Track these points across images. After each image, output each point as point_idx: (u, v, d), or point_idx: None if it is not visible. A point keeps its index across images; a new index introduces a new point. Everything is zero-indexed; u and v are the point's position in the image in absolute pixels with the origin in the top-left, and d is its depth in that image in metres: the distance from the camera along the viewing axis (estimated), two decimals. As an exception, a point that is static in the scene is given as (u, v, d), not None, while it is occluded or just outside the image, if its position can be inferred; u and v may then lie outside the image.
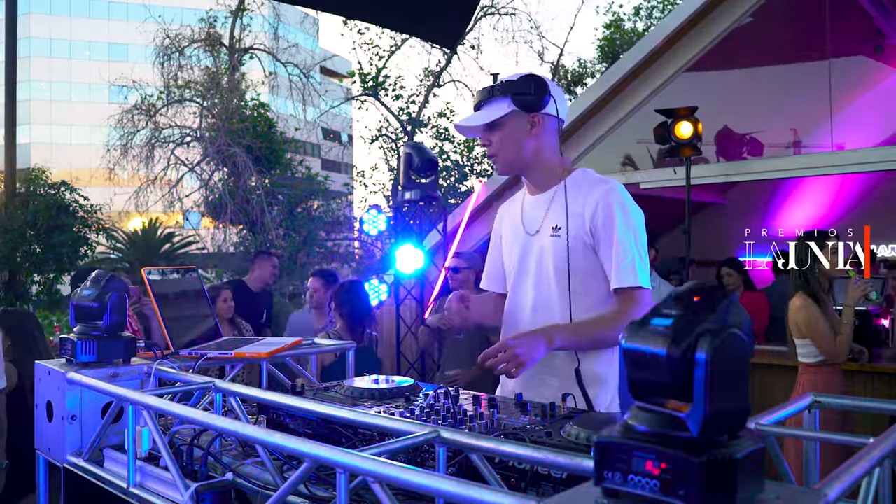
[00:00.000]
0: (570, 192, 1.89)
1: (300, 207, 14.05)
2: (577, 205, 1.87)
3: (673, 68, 5.74)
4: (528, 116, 1.90)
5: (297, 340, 2.21)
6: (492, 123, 1.91)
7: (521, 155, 1.93)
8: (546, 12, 36.91)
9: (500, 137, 1.92)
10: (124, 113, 14.91)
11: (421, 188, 5.72)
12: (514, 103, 1.88)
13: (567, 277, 1.86)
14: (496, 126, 1.91)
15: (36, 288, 10.92)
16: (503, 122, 1.91)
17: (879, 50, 7.35)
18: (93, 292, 1.75)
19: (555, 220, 1.91)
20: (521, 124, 1.91)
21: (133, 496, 1.46)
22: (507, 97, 1.89)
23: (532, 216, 1.98)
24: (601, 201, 1.84)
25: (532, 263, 1.96)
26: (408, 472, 0.91)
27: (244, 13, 16.05)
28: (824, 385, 3.41)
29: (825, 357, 3.44)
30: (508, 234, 2.06)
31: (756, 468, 0.65)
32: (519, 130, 1.91)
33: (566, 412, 1.47)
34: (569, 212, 1.87)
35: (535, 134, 1.92)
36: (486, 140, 1.95)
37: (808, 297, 3.47)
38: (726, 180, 6.75)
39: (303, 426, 1.53)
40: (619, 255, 1.82)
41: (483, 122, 1.91)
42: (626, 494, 0.65)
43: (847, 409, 1.47)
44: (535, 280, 1.94)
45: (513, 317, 2.00)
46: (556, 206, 1.92)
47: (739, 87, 7.25)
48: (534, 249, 1.95)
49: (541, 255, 1.94)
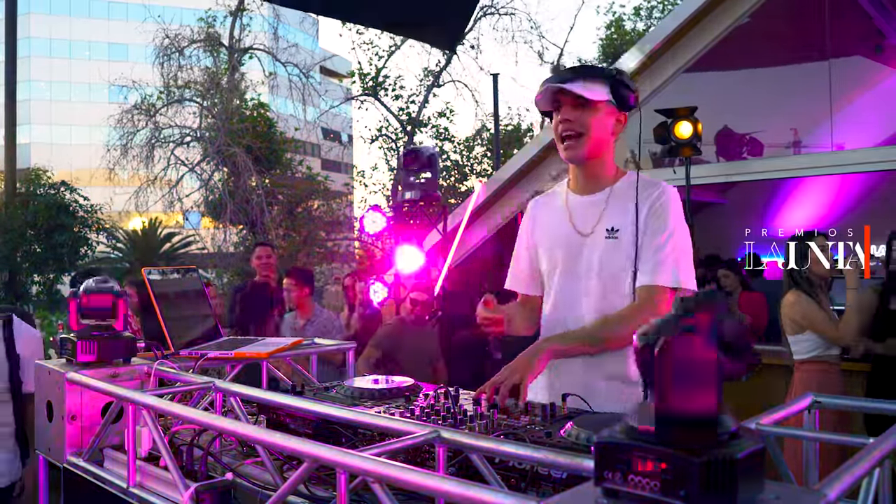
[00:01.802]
0: (628, 194, 1.84)
1: (300, 207, 14.05)
2: (633, 206, 1.81)
3: (673, 68, 5.74)
4: (617, 113, 1.86)
5: (297, 340, 2.21)
6: (588, 102, 1.80)
7: (601, 146, 1.86)
8: (546, 12, 36.92)
9: (594, 120, 1.81)
10: (124, 113, 14.91)
11: (421, 188, 5.72)
12: (612, 93, 1.82)
13: (626, 279, 1.80)
14: (591, 106, 1.81)
15: (36, 288, 10.92)
16: (598, 107, 1.82)
17: (879, 50, 7.35)
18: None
19: (611, 221, 1.84)
20: (611, 117, 1.85)
21: (133, 496, 1.46)
22: (606, 84, 1.81)
23: (583, 216, 1.89)
24: (654, 203, 1.80)
25: (583, 265, 1.87)
26: (408, 472, 0.91)
27: (244, 13, 16.04)
28: (819, 381, 3.41)
29: (829, 347, 3.45)
30: (549, 233, 1.96)
31: (756, 468, 0.65)
32: (609, 121, 1.85)
33: (566, 412, 1.47)
34: (627, 214, 1.82)
35: (616, 132, 1.88)
36: (571, 115, 1.82)
37: (801, 293, 3.49)
38: (726, 180, 6.76)
39: (303, 426, 1.53)
40: (657, 252, 1.77)
41: (587, 95, 1.78)
42: (626, 494, 0.65)
43: (847, 410, 1.47)
44: (590, 281, 1.85)
45: (562, 318, 1.90)
46: (612, 208, 1.85)
47: (739, 87, 7.25)
48: (582, 251, 1.87)
49: (594, 257, 1.85)
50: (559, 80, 1.82)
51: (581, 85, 1.79)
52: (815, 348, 3.49)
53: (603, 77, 1.82)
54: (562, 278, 1.91)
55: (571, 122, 1.82)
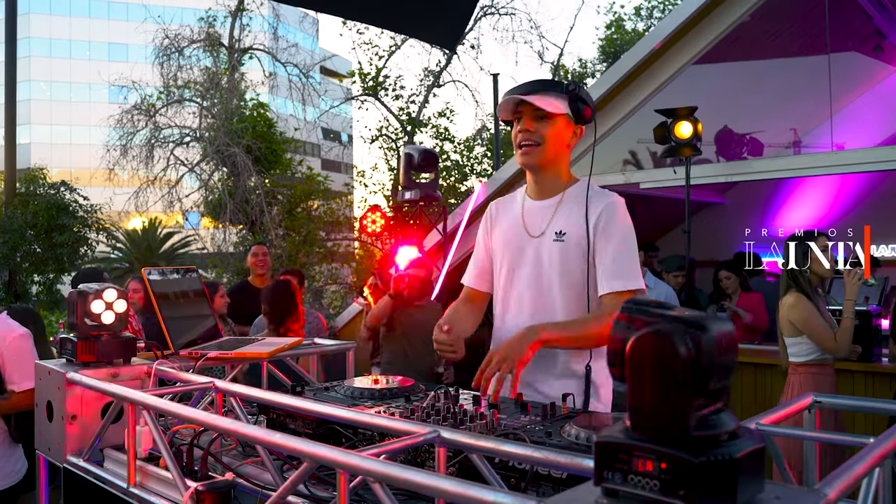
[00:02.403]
0: (577, 200, 1.94)
1: (300, 207, 14.04)
2: (582, 212, 1.91)
3: (673, 68, 5.74)
4: (574, 126, 1.96)
5: (296, 340, 2.22)
6: (547, 114, 1.90)
7: (556, 156, 1.96)
8: (546, 12, 37.07)
9: (551, 131, 1.92)
10: (124, 113, 14.90)
11: (421, 188, 5.72)
12: (570, 107, 1.91)
13: (570, 281, 1.91)
14: (549, 118, 1.91)
15: (36, 288, 10.92)
16: (556, 119, 1.92)
17: (879, 50, 7.36)
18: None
19: (560, 225, 1.94)
20: (568, 129, 1.95)
21: (133, 496, 1.46)
22: (565, 98, 1.91)
23: (535, 219, 1.99)
24: (604, 212, 1.90)
25: (530, 266, 1.97)
26: (408, 472, 0.91)
27: (244, 13, 16.04)
28: (815, 384, 3.40)
29: (826, 352, 3.44)
30: (503, 234, 2.06)
31: (756, 468, 0.65)
32: (565, 133, 1.95)
33: (567, 412, 1.47)
34: (575, 218, 1.91)
35: (571, 144, 1.99)
36: (530, 126, 1.92)
37: (801, 295, 3.47)
38: (726, 180, 6.75)
39: (303, 426, 1.53)
40: (616, 260, 1.87)
41: (546, 108, 1.88)
42: (626, 494, 0.65)
43: (847, 410, 1.47)
44: (534, 282, 1.96)
45: (509, 318, 2.00)
46: (562, 212, 1.95)
47: (739, 87, 7.25)
48: (532, 252, 1.97)
49: (541, 258, 1.95)
50: (521, 92, 1.92)
51: (541, 98, 1.89)
52: (814, 352, 3.48)
53: (562, 92, 1.92)
54: (510, 276, 2.01)
55: (530, 133, 1.93)
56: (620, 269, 1.85)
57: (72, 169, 22.90)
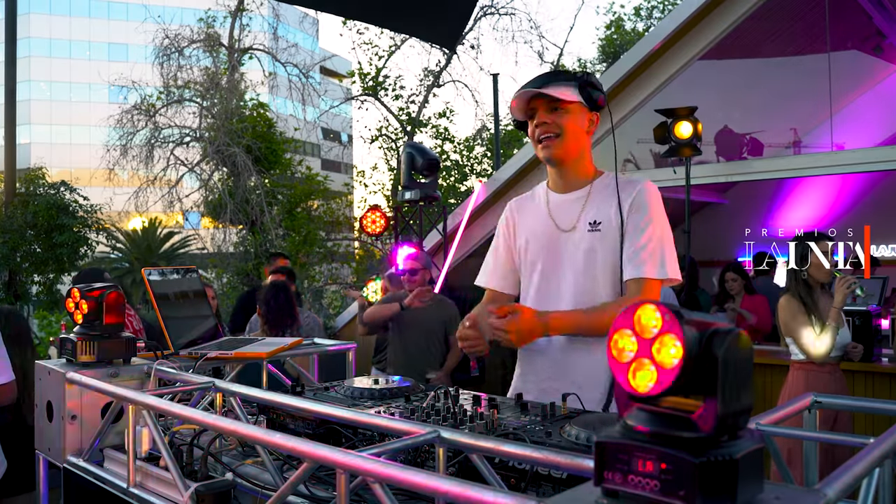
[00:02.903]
0: (608, 190, 1.91)
1: (300, 207, 14.04)
2: (614, 200, 1.88)
3: (673, 68, 5.74)
4: (589, 113, 1.93)
5: (296, 340, 2.22)
6: (561, 103, 1.88)
7: (578, 145, 1.93)
8: (546, 12, 37.05)
9: (569, 120, 1.89)
10: (124, 113, 14.89)
11: (421, 188, 5.73)
12: (581, 95, 1.89)
13: (613, 269, 1.86)
14: (563, 109, 1.89)
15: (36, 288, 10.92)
16: (571, 109, 1.90)
17: (879, 50, 7.36)
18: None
19: (592, 215, 1.90)
20: (583, 117, 1.93)
21: (133, 496, 1.46)
22: (575, 86, 1.89)
23: (564, 213, 1.95)
24: (636, 197, 1.86)
25: (568, 260, 1.92)
26: (408, 472, 0.91)
27: (244, 13, 16.03)
28: (812, 382, 3.41)
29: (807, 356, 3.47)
30: (530, 232, 2.01)
31: (756, 468, 0.65)
32: (582, 122, 1.93)
33: (567, 412, 1.47)
34: (608, 207, 1.88)
35: (590, 132, 1.96)
36: (546, 118, 1.90)
37: (792, 298, 3.50)
38: (726, 180, 6.75)
39: (303, 426, 1.53)
40: (642, 247, 1.82)
41: (560, 96, 1.86)
42: (626, 494, 0.65)
43: (847, 410, 1.47)
44: (574, 276, 1.90)
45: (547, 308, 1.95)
46: (592, 203, 1.92)
47: (739, 86, 7.26)
48: (567, 246, 1.92)
49: (577, 251, 1.90)
50: (534, 86, 1.90)
51: (553, 88, 1.87)
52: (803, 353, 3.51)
53: (572, 80, 1.90)
54: (543, 275, 1.97)
55: (548, 125, 1.90)
56: (644, 256, 1.81)
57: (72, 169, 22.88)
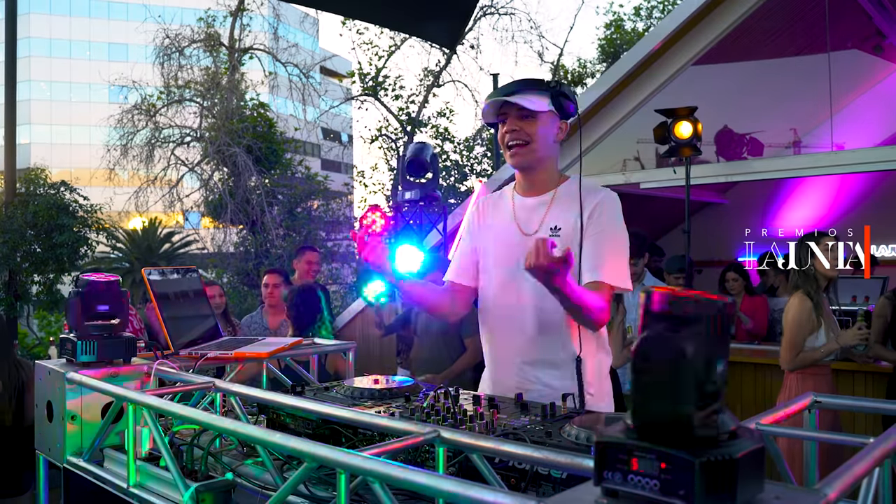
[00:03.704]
0: (571, 196, 1.95)
1: (300, 207, 14.05)
2: (576, 207, 1.92)
3: (673, 68, 5.73)
4: (559, 121, 1.97)
5: (296, 340, 2.22)
6: (532, 113, 1.92)
7: (546, 153, 1.97)
8: (546, 12, 37.01)
9: (538, 130, 1.93)
10: (124, 113, 14.90)
11: (421, 188, 5.72)
12: (552, 104, 1.92)
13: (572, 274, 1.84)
14: (533, 117, 1.93)
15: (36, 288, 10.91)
16: (541, 117, 1.93)
17: (879, 50, 7.36)
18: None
19: (554, 221, 1.95)
20: (553, 126, 1.97)
21: (133, 496, 1.46)
22: (546, 95, 1.92)
23: (528, 217, 2.00)
24: (598, 206, 1.91)
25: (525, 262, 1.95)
26: (408, 472, 0.91)
27: (244, 13, 16.04)
28: (812, 385, 3.40)
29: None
30: (494, 232, 2.06)
31: (756, 468, 0.65)
32: (551, 130, 1.97)
33: (566, 412, 1.47)
34: (569, 213, 1.92)
35: (558, 139, 2.00)
36: (515, 125, 1.94)
37: (804, 297, 3.47)
38: (726, 180, 6.75)
39: (303, 426, 1.53)
40: (599, 254, 1.88)
41: (530, 107, 1.90)
42: (626, 494, 0.65)
43: (847, 410, 1.47)
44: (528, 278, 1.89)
45: (508, 311, 2.00)
46: (555, 208, 1.97)
47: (739, 86, 7.25)
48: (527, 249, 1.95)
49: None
50: (503, 94, 1.94)
51: (524, 97, 1.91)
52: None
53: (544, 89, 1.93)
54: (502, 275, 2.01)
55: (517, 132, 1.94)
56: (603, 263, 1.87)
57: (72, 169, 22.88)
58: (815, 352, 3.40)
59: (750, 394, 4.83)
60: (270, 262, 12.14)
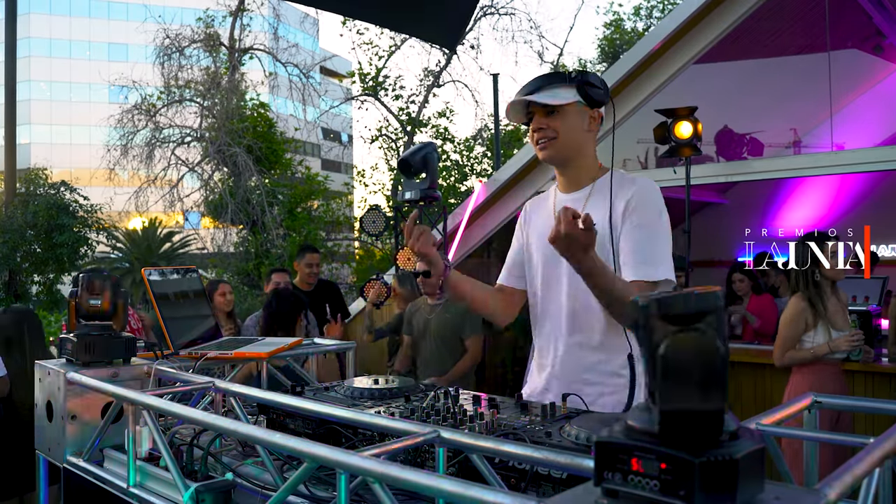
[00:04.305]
0: (606, 190, 1.89)
1: (300, 207, 14.05)
2: (615, 202, 1.86)
3: (673, 68, 5.73)
4: (589, 111, 1.92)
5: (296, 340, 2.22)
6: (554, 108, 1.88)
7: (577, 145, 1.93)
8: (546, 12, 37.04)
9: (563, 124, 1.89)
10: (124, 113, 14.91)
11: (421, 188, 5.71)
12: (579, 94, 1.88)
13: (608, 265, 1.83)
14: (558, 112, 1.89)
15: (36, 288, 10.93)
16: (567, 110, 1.89)
17: (879, 50, 7.36)
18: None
19: (593, 216, 1.90)
20: (582, 117, 1.92)
21: (133, 496, 1.46)
22: (573, 86, 1.88)
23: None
24: (633, 197, 1.85)
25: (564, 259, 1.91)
26: (408, 472, 0.91)
27: (244, 13, 16.04)
28: (816, 383, 3.40)
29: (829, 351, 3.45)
30: (537, 231, 2.03)
31: (756, 468, 0.65)
32: (580, 122, 1.92)
33: (566, 412, 1.47)
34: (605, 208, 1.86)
35: (590, 130, 1.95)
36: (542, 123, 1.90)
37: (800, 299, 3.48)
38: (726, 180, 6.75)
39: (303, 426, 1.53)
40: (636, 249, 1.82)
41: (551, 101, 1.86)
42: (626, 494, 0.65)
43: (847, 410, 1.47)
44: (569, 276, 1.90)
45: (543, 310, 2.00)
46: (593, 203, 1.91)
47: (739, 86, 7.25)
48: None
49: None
50: (525, 93, 1.90)
51: (546, 93, 1.87)
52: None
53: (567, 81, 1.89)
54: (545, 272, 1.99)
55: (544, 130, 1.91)
56: (639, 258, 1.81)
57: (72, 169, 22.88)
58: (804, 351, 3.43)
59: (750, 394, 4.83)
60: (270, 262, 12.15)
